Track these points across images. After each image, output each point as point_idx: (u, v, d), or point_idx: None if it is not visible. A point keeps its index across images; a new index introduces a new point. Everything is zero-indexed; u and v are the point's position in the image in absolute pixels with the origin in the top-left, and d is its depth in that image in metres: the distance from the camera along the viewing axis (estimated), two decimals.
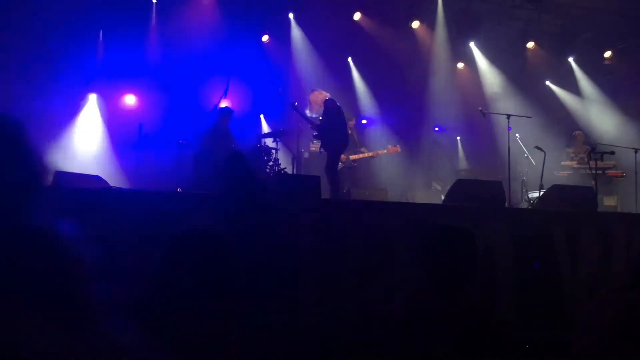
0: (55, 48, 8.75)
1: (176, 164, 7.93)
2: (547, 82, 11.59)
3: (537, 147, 8.25)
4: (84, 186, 5.14)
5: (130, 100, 9.59)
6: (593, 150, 7.71)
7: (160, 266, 1.63)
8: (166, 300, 1.42)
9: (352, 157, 8.58)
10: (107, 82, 9.26)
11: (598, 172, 7.67)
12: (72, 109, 9.04)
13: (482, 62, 11.31)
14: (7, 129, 0.70)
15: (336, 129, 7.28)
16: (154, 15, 9.63)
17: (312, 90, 7.58)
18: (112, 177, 8.16)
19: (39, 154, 0.72)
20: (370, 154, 8.81)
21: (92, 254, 0.57)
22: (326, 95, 7.39)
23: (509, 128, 8.20)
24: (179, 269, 1.58)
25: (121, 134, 8.99)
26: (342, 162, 8.58)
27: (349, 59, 11.14)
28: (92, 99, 9.33)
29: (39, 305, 0.52)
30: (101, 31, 9.29)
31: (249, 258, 4.03)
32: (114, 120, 9.30)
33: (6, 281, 0.52)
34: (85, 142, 9.02)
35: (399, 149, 8.79)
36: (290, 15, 10.51)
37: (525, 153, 9.19)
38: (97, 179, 5.61)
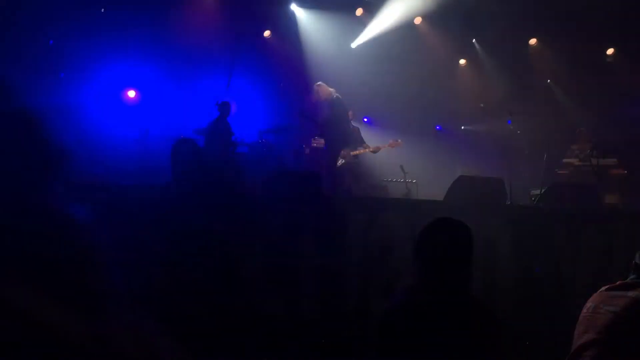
0: (58, 44, 8.77)
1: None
2: (549, 81, 11.55)
3: (539, 144, 8.24)
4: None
5: (131, 94, 9.59)
6: (595, 147, 7.70)
7: (164, 259, 1.63)
8: (170, 291, 1.43)
9: (353, 153, 8.56)
10: (108, 77, 9.27)
11: (600, 169, 7.66)
12: (75, 105, 9.03)
13: (485, 59, 11.27)
14: (25, 122, 0.70)
15: (339, 126, 7.32)
16: (155, 9, 9.62)
17: (319, 84, 7.60)
18: (114, 172, 8.15)
19: (58, 145, 0.72)
20: (372, 149, 8.79)
21: (103, 245, 0.57)
22: (331, 90, 7.41)
23: (509, 122, 8.20)
24: (180, 262, 1.58)
25: (123, 129, 8.99)
26: (343, 158, 8.56)
27: (351, 54, 11.11)
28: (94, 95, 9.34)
29: (53, 291, 0.52)
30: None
31: (249, 251, 4.03)
32: (116, 115, 9.30)
33: (19, 268, 0.53)
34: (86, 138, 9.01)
35: (400, 143, 8.72)
36: (293, 8, 10.48)
37: (527, 150, 9.18)
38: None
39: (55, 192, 0.62)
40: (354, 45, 10.93)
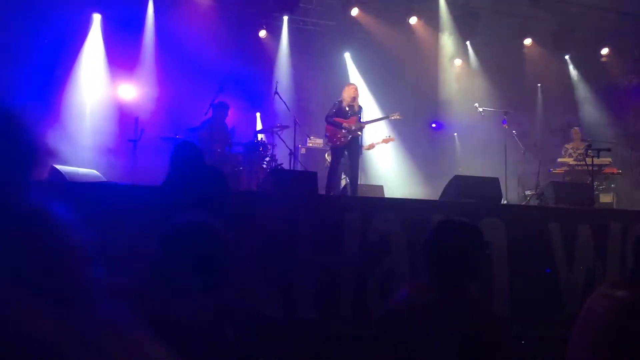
0: (52, 42, 8.75)
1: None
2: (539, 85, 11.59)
3: (534, 144, 8.28)
4: (78, 180, 5.13)
5: (127, 94, 9.56)
6: (589, 147, 7.72)
7: (155, 259, 1.62)
8: (162, 292, 1.41)
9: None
10: (104, 75, 9.25)
11: (594, 168, 7.69)
12: (69, 102, 9.01)
13: (477, 61, 11.30)
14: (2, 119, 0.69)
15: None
16: (151, 8, 9.60)
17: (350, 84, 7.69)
18: (108, 171, 8.12)
19: (35, 144, 0.71)
20: (366, 147, 8.79)
21: (84, 241, 0.56)
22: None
23: (504, 122, 8.22)
24: (174, 262, 1.58)
25: (118, 128, 8.96)
26: None
27: (346, 55, 11.11)
28: (90, 93, 9.30)
29: (30, 288, 0.50)
30: (99, 20, 9.28)
31: (245, 251, 4.02)
32: (110, 114, 9.27)
33: None
34: (83, 137, 8.99)
35: (393, 138, 8.72)
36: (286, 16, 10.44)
37: (522, 149, 9.20)
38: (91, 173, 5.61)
39: (31, 188, 0.61)
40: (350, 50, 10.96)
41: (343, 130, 7.34)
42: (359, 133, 7.44)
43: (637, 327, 2.46)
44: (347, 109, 7.42)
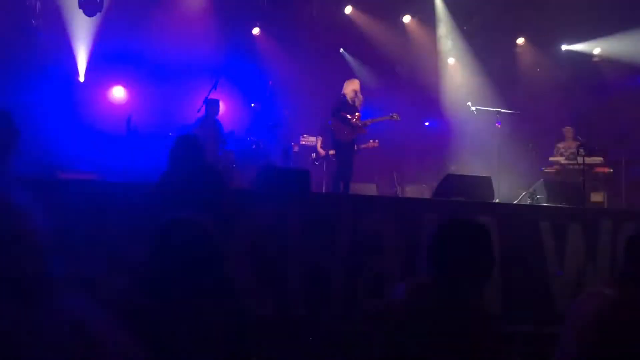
0: (44, 38, 8.70)
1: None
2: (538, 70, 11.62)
3: (527, 143, 8.31)
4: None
5: (118, 92, 9.53)
6: (581, 146, 7.75)
7: (143, 255, 1.62)
8: (150, 288, 1.41)
9: (332, 152, 8.47)
10: (97, 73, 9.20)
11: (586, 168, 7.72)
12: (62, 101, 8.94)
13: (471, 59, 11.31)
14: None
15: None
16: (146, 6, 9.55)
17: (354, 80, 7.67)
18: (105, 170, 8.09)
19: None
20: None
21: (50, 234, 0.55)
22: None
23: (498, 123, 8.24)
24: (163, 258, 1.57)
25: (110, 126, 8.91)
26: (322, 157, 8.58)
27: (340, 51, 11.09)
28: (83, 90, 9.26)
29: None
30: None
31: (236, 249, 4.02)
32: (102, 112, 9.22)
33: None
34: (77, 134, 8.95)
35: (377, 143, 8.72)
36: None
37: (515, 148, 9.23)
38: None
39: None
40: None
41: (356, 124, 7.34)
42: (365, 130, 7.49)
43: (626, 326, 2.49)
44: (351, 103, 7.40)
